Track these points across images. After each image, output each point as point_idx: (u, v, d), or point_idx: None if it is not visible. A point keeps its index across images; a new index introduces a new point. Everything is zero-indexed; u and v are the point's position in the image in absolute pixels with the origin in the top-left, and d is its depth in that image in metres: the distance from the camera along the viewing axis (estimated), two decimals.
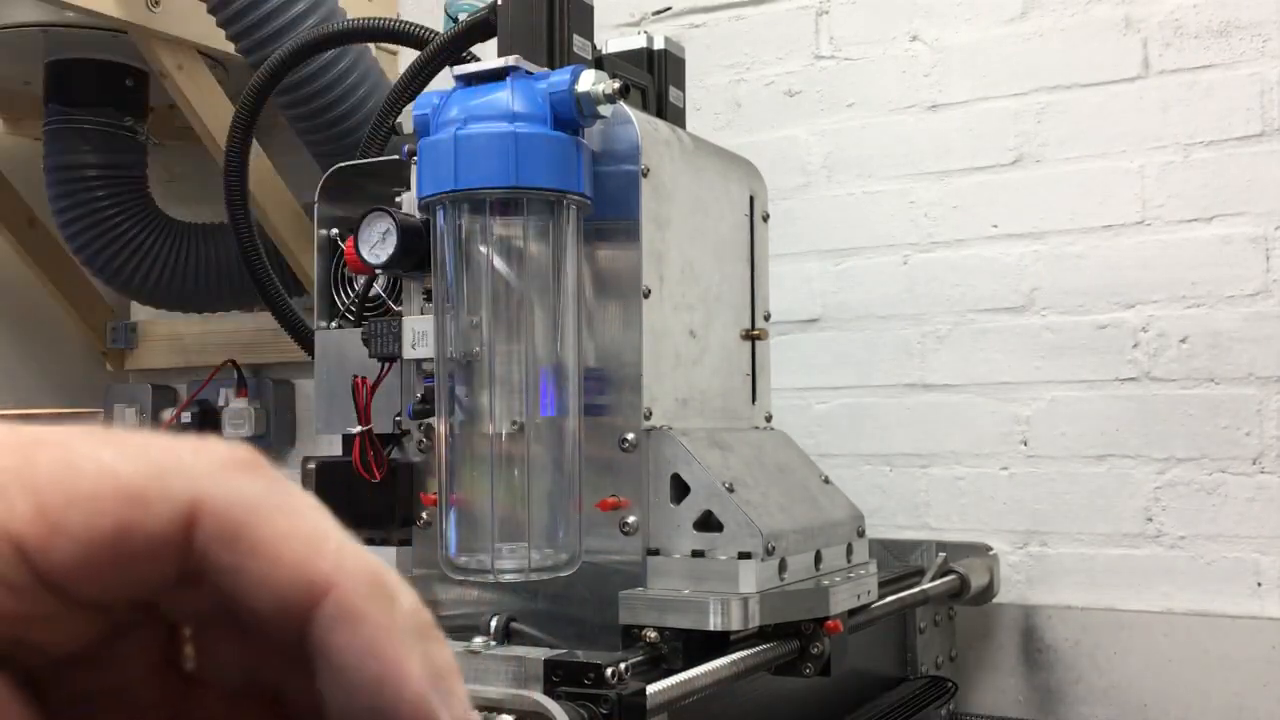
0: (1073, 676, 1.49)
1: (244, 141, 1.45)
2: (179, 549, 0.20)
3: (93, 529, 0.20)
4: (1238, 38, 1.44)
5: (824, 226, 1.66)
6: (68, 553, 0.19)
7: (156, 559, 0.20)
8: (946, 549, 1.48)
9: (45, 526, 0.19)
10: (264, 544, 0.19)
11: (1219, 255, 1.44)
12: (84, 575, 0.20)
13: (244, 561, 0.19)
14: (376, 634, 0.19)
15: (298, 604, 0.19)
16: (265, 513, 0.20)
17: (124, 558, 0.20)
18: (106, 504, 0.20)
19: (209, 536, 0.20)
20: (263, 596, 0.19)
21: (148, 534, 0.19)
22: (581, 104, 1.02)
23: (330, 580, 0.19)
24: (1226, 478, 1.42)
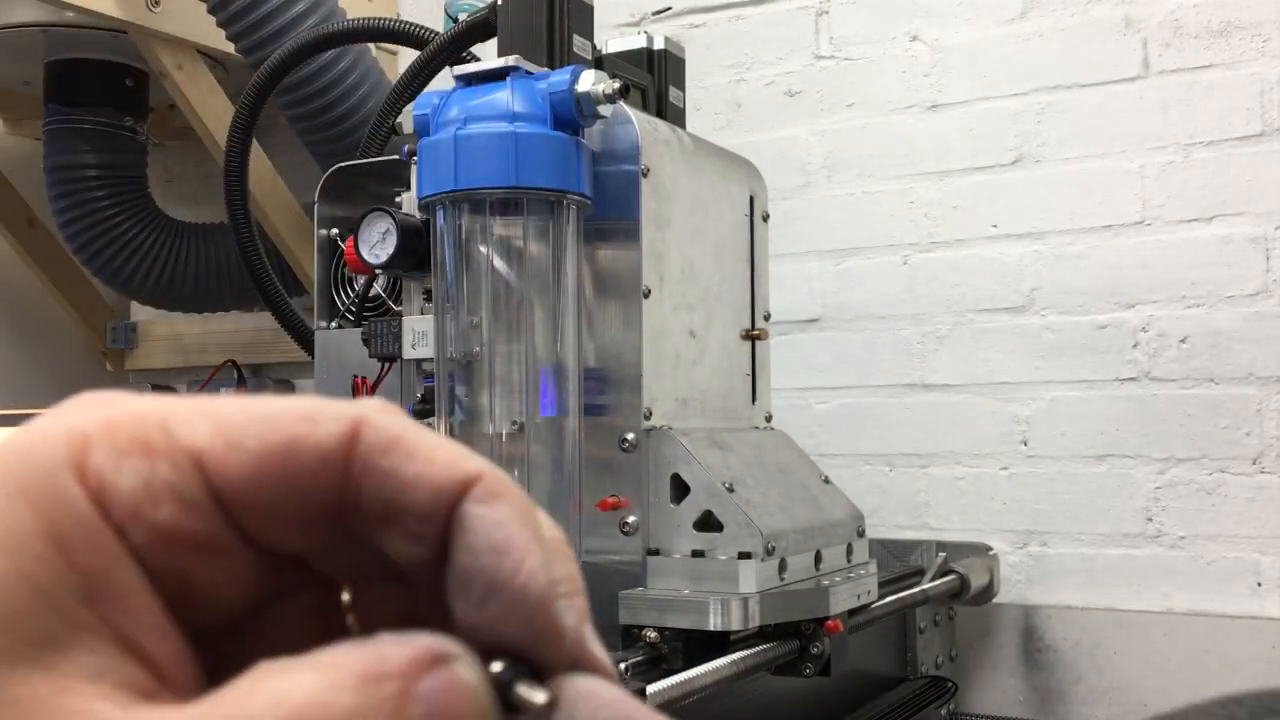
0: (1073, 676, 1.49)
1: (244, 141, 1.45)
2: (342, 463, 0.21)
3: (266, 441, 0.21)
4: (1238, 38, 1.44)
5: (824, 226, 1.66)
6: (242, 466, 0.21)
7: (323, 473, 0.21)
8: (946, 549, 1.48)
9: (223, 442, 0.21)
10: (419, 449, 0.21)
11: (1219, 255, 1.44)
12: (256, 492, 0.21)
13: (402, 463, 0.21)
14: (513, 511, 0.21)
15: (451, 491, 0.21)
16: (415, 430, 0.22)
17: (293, 471, 0.21)
18: (279, 420, 0.21)
19: (370, 446, 0.21)
20: (420, 489, 0.21)
21: (316, 445, 0.21)
22: (581, 104, 1.02)
23: (480, 471, 0.21)
24: (1226, 478, 1.42)
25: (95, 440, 0.21)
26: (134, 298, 2.07)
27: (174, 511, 0.20)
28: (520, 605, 0.21)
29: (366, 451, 0.21)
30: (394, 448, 0.21)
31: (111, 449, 0.20)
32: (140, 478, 0.20)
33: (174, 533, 0.20)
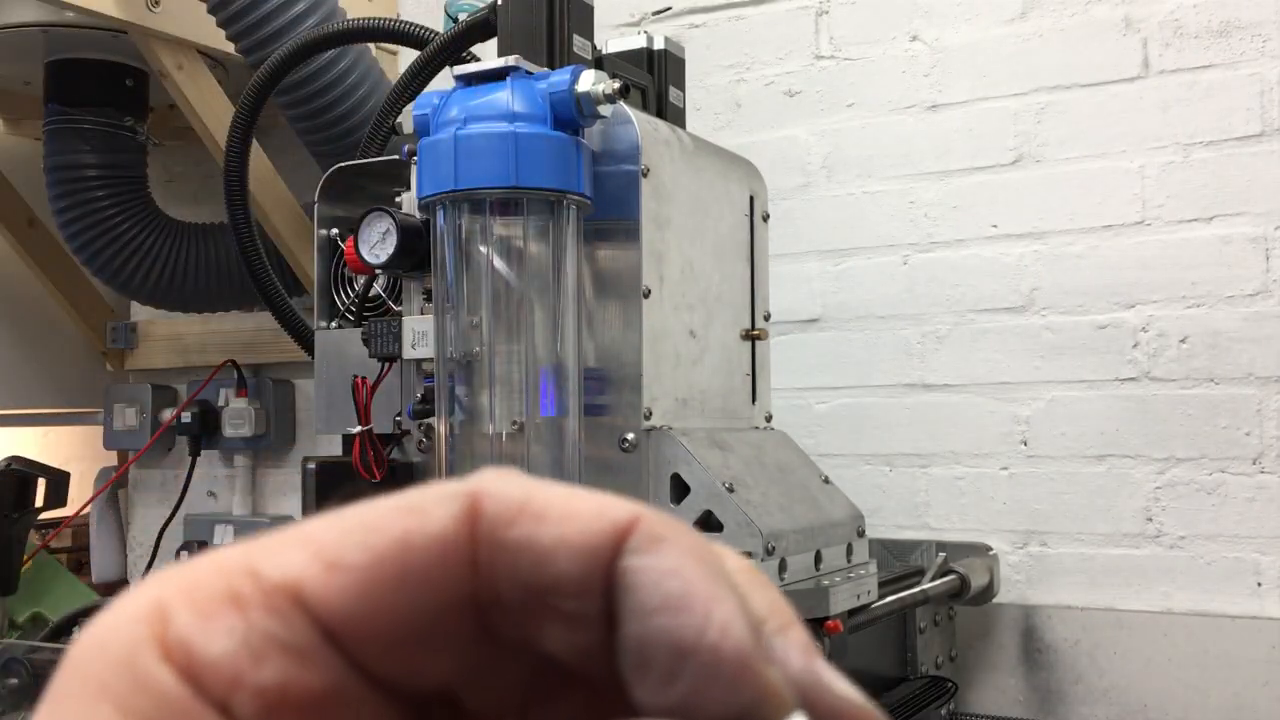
0: (1072, 676, 1.49)
1: (244, 141, 1.45)
2: (466, 549, 0.18)
3: (370, 548, 0.18)
4: (1238, 38, 1.44)
5: (824, 226, 1.66)
6: (348, 587, 0.17)
7: (446, 568, 0.18)
8: (946, 549, 1.48)
9: (320, 565, 0.18)
10: (551, 507, 0.18)
11: (1219, 255, 1.44)
12: (373, 615, 0.17)
13: (535, 530, 0.18)
14: (683, 554, 0.17)
15: (602, 548, 0.17)
16: (543, 488, 0.18)
17: (411, 576, 0.17)
18: (381, 521, 0.18)
19: (494, 520, 0.18)
20: (564, 556, 0.17)
21: (430, 536, 0.18)
22: (581, 104, 1.02)
23: (632, 516, 0.18)
24: (1226, 478, 1.42)
25: (174, 608, 0.17)
26: (134, 298, 2.07)
27: (282, 666, 0.17)
28: (719, 669, 0.16)
29: (491, 528, 0.18)
30: (522, 514, 0.18)
31: (195, 612, 0.17)
32: (234, 636, 0.17)
33: (288, 691, 0.17)
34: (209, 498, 2.15)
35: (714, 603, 0.17)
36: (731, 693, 0.16)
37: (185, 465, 2.08)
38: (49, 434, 2.39)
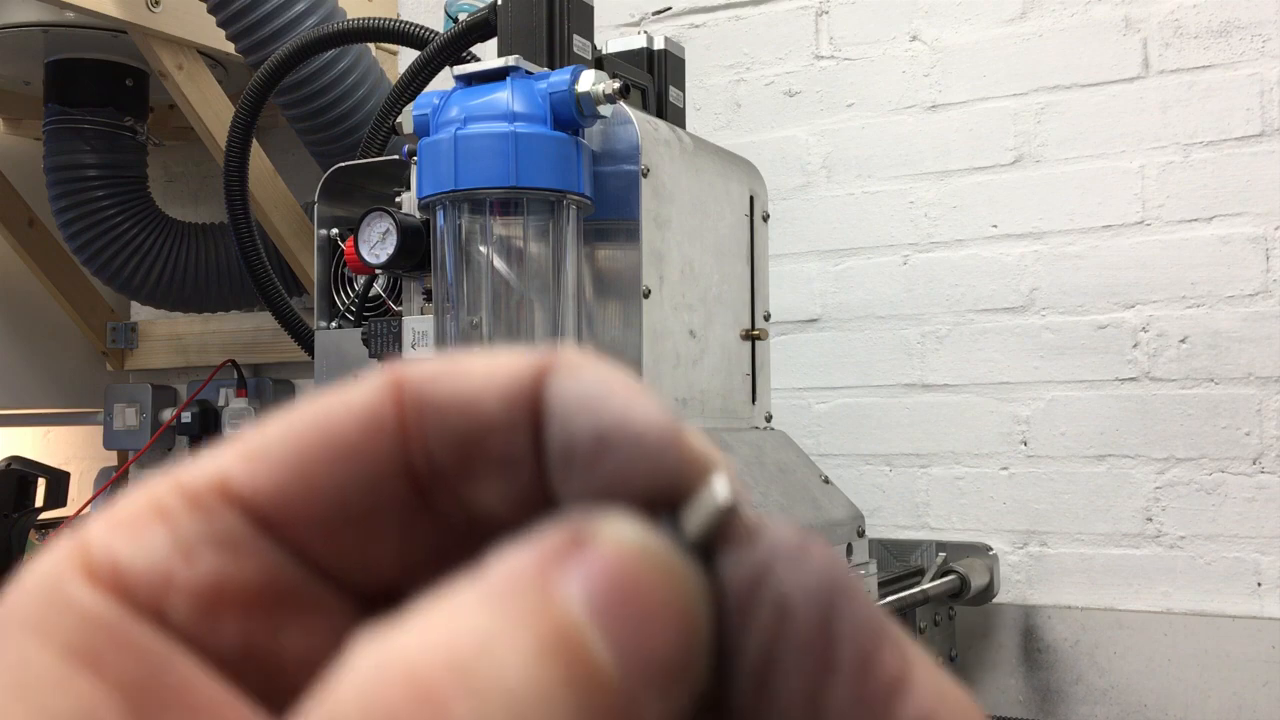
0: (1072, 676, 1.49)
1: (244, 141, 1.45)
2: (393, 415, 0.17)
3: (294, 432, 0.17)
4: (1237, 38, 1.44)
5: (824, 226, 1.66)
6: (275, 471, 0.17)
7: (373, 438, 0.17)
8: (946, 549, 1.48)
9: (245, 458, 0.17)
10: (474, 364, 0.17)
11: (1218, 255, 1.44)
12: (306, 498, 0.17)
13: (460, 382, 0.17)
14: (606, 372, 0.17)
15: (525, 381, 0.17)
16: (459, 355, 0.18)
17: (339, 451, 0.17)
18: (304, 411, 0.17)
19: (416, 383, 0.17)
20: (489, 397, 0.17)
21: (353, 409, 0.17)
22: (581, 104, 1.02)
23: (554, 353, 0.17)
24: (1226, 478, 1.42)
25: (97, 533, 0.17)
26: (134, 298, 2.07)
27: (215, 561, 0.17)
28: (642, 443, 0.16)
29: (415, 390, 0.17)
30: (444, 373, 0.17)
31: (118, 532, 0.17)
32: (161, 542, 0.17)
33: (225, 587, 0.17)
34: None
35: (636, 395, 0.16)
36: (654, 465, 0.16)
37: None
38: (49, 434, 2.39)
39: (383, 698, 0.13)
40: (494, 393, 0.17)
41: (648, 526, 0.16)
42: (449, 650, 0.14)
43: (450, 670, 0.14)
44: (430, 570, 0.18)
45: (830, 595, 0.16)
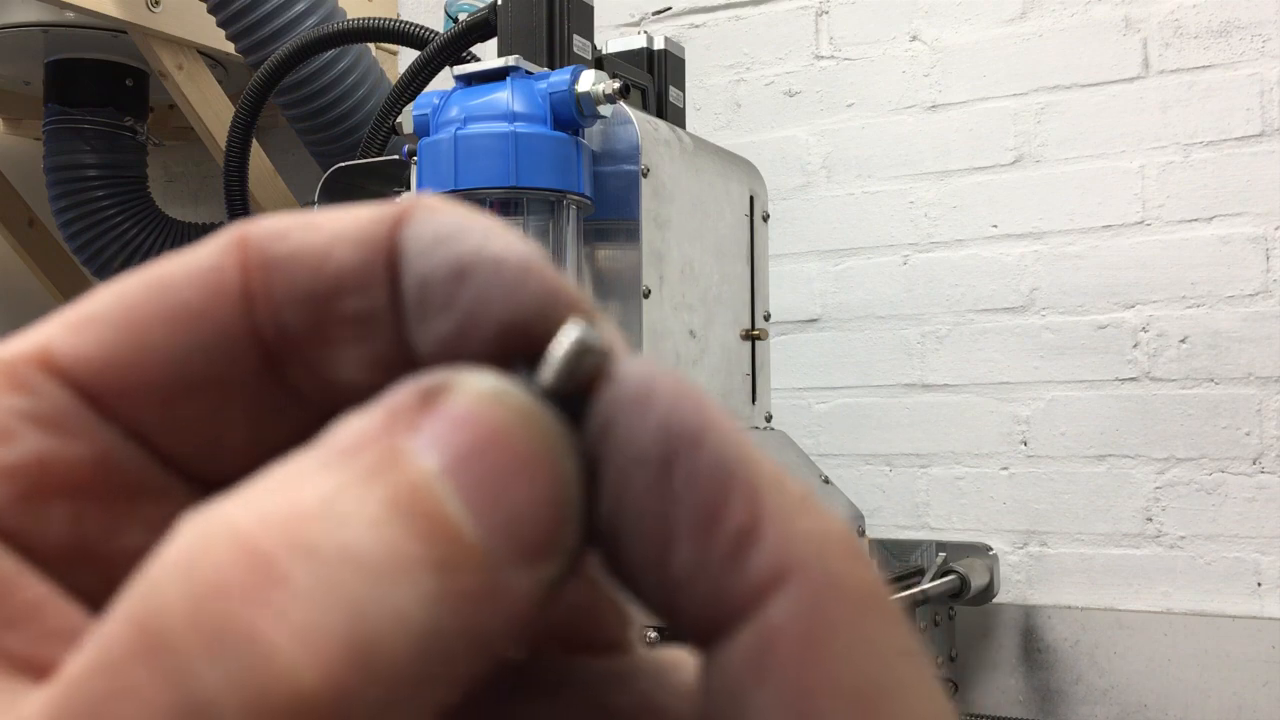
0: (1072, 677, 1.49)
1: (244, 141, 1.45)
2: (235, 277, 0.15)
3: (123, 295, 0.15)
4: (1237, 38, 1.44)
5: (824, 226, 1.65)
6: (103, 337, 0.15)
7: (213, 300, 0.15)
8: (946, 549, 1.47)
9: (67, 325, 0.15)
10: (324, 217, 0.16)
11: (1218, 255, 1.44)
12: (137, 366, 0.15)
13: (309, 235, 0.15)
14: (463, 210, 0.15)
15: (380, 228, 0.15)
16: (316, 212, 0.16)
17: (173, 313, 0.15)
18: (137, 276, 0.15)
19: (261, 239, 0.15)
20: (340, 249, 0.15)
21: (191, 271, 0.15)
22: (581, 104, 1.02)
23: (411, 201, 0.16)
24: (1226, 478, 1.42)
25: None
26: None
27: (36, 440, 0.15)
28: (500, 270, 0.14)
29: (260, 248, 0.15)
30: (293, 228, 0.15)
31: None
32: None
33: (48, 467, 0.15)
34: None
35: (495, 228, 0.15)
36: (514, 294, 0.14)
37: None
38: None
39: (208, 564, 0.12)
40: (347, 242, 0.15)
41: (506, 376, 0.14)
42: (285, 514, 0.12)
43: (286, 533, 0.12)
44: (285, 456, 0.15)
45: (669, 447, 0.14)
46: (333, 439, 0.13)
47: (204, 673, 0.11)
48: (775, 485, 0.14)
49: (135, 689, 0.11)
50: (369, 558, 0.12)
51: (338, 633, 0.12)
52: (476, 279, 0.14)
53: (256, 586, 0.12)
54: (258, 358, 0.15)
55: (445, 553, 0.13)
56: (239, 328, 0.15)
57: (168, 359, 0.15)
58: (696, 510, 0.14)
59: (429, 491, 0.13)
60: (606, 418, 0.14)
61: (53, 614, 0.14)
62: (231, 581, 0.12)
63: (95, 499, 0.15)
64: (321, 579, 0.12)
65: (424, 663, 0.12)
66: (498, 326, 0.14)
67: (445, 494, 0.13)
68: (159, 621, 0.12)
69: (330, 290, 0.15)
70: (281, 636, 0.12)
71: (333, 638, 0.12)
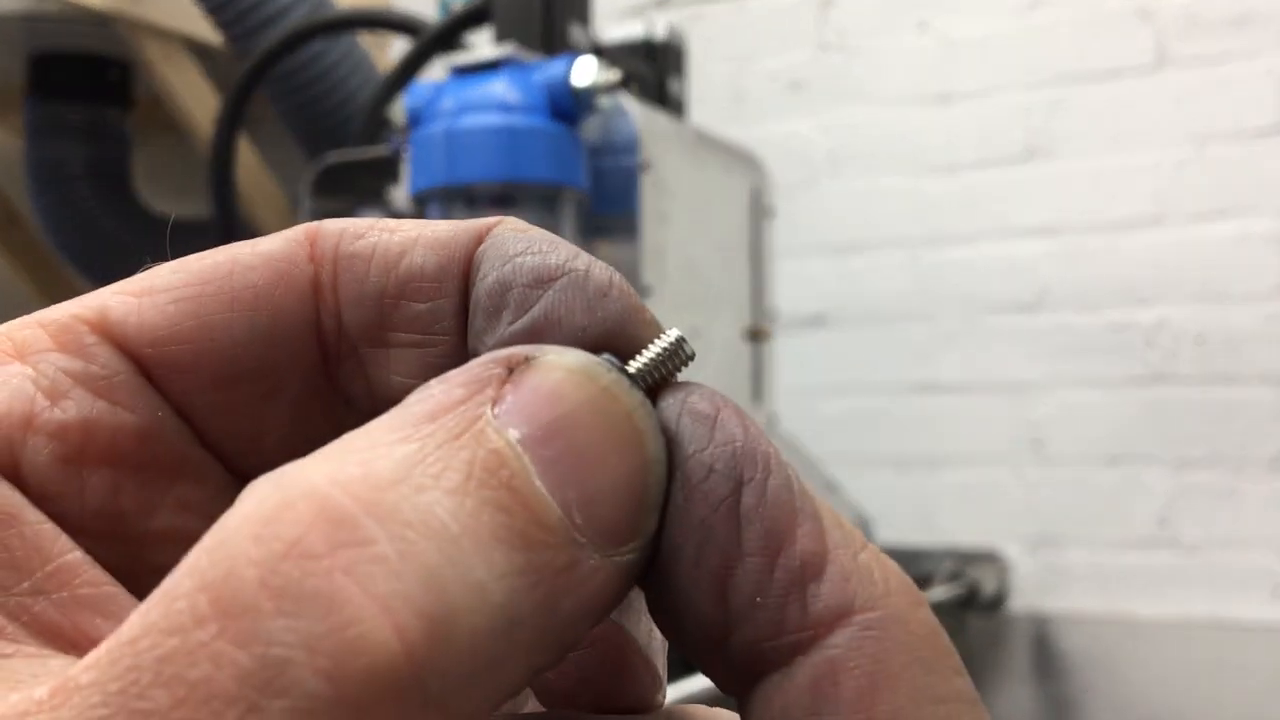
0: (1085, 685, 1.46)
1: (231, 134, 1.41)
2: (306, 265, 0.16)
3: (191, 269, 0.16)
4: (1254, 29, 1.41)
5: (829, 222, 1.62)
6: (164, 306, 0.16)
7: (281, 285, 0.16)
8: (956, 555, 1.45)
9: (129, 292, 0.16)
10: (406, 223, 0.17)
11: (1234, 253, 1.41)
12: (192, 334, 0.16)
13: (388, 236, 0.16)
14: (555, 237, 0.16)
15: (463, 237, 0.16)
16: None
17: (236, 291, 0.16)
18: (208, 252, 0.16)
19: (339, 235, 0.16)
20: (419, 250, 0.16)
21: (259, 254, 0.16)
22: (579, 95, 0.99)
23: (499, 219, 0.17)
24: (1243, 481, 1.39)
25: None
26: None
27: (86, 401, 0.15)
28: (587, 285, 0.15)
29: (334, 243, 0.16)
30: (371, 228, 0.16)
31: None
32: (20, 379, 0.15)
33: (93, 429, 0.15)
34: None
35: (582, 251, 0.15)
36: (595, 306, 0.15)
37: None
38: None
39: (286, 522, 0.12)
40: (425, 246, 0.15)
41: (592, 358, 0.14)
42: (364, 477, 0.12)
43: (366, 497, 0.12)
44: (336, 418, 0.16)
45: (740, 469, 0.14)
46: (411, 405, 0.13)
47: (280, 634, 0.11)
48: (836, 520, 0.14)
49: (205, 647, 0.11)
50: (450, 527, 0.12)
51: (419, 602, 0.11)
52: (560, 286, 0.15)
53: (338, 548, 0.11)
54: (315, 352, 0.16)
55: (525, 527, 0.13)
56: (303, 319, 0.16)
57: (228, 340, 0.16)
58: (765, 534, 0.14)
59: (511, 463, 0.13)
60: (677, 426, 0.14)
61: (85, 583, 0.14)
62: (311, 542, 0.11)
63: (134, 471, 0.15)
64: (404, 545, 0.12)
65: (501, 639, 0.12)
66: (577, 331, 0.15)
67: (527, 467, 0.13)
68: (233, 580, 0.11)
69: (399, 290, 0.16)
70: (364, 600, 0.11)
71: (414, 607, 0.11)
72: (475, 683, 0.12)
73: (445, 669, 0.12)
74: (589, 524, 0.13)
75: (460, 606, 0.12)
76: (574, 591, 0.13)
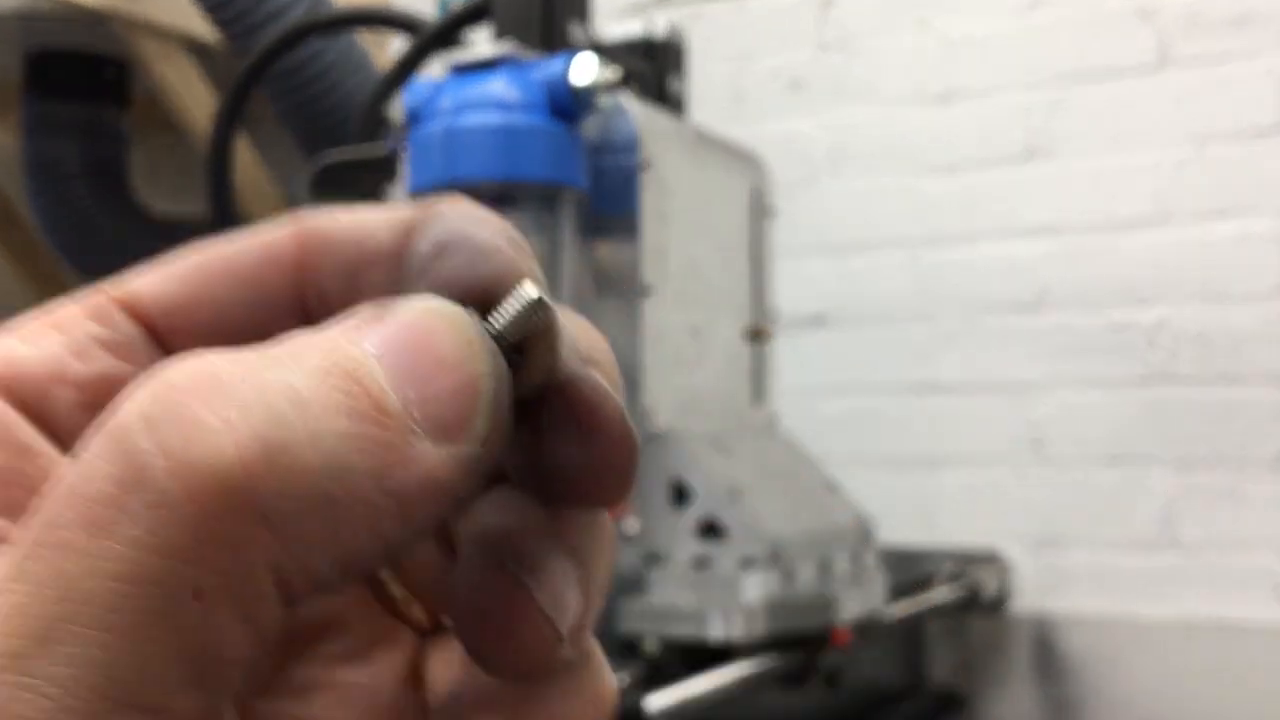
0: (1087, 687, 1.46)
1: (228, 133, 1.41)
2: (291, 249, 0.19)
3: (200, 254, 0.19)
4: (1255, 29, 1.40)
5: (830, 222, 1.62)
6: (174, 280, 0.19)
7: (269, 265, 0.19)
8: (957, 556, 1.45)
9: (155, 278, 0.20)
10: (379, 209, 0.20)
11: (1236, 252, 1.41)
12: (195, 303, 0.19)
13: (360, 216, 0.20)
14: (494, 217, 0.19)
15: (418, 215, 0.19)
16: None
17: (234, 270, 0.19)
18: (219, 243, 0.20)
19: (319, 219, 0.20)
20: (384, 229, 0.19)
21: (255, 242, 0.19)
22: (579, 94, 0.99)
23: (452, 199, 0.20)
24: (1245, 481, 1.39)
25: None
26: None
27: (105, 360, 0.19)
28: (480, 255, 0.18)
29: (315, 228, 0.19)
30: (344, 215, 0.20)
31: (16, 334, 0.19)
32: (56, 342, 0.19)
33: (111, 382, 0.18)
34: None
35: (490, 220, 0.18)
36: (480, 267, 0.18)
37: None
38: None
39: (170, 375, 0.15)
40: (385, 224, 0.19)
41: (450, 302, 0.17)
42: (242, 358, 0.15)
43: (240, 368, 0.15)
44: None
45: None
46: (293, 337, 0.16)
47: (144, 443, 0.14)
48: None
49: (89, 465, 0.15)
50: (299, 393, 0.15)
51: (258, 428, 0.15)
52: (451, 252, 0.18)
53: (204, 391, 0.15)
54: (297, 318, 0.19)
55: (362, 406, 0.16)
56: (287, 289, 0.19)
57: (224, 307, 0.19)
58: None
59: (360, 363, 0.16)
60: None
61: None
62: (184, 387, 0.15)
63: None
64: (258, 394, 0.15)
65: (332, 481, 0.15)
66: (462, 290, 0.17)
67: (374, 368, 0.16)
68: (120, 417, 0.15)
69: (367, 263, 0.19)
70: (215, 421, 0.15)
71: (254, 430, 0.15)
72: (310, 515, 0.15)
73: (276, 489, 0.15)
74: (425, 418, 0.16)
75: (293, 441, 0.15)
76: (406, 466, 0.16)
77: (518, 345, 0.17)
